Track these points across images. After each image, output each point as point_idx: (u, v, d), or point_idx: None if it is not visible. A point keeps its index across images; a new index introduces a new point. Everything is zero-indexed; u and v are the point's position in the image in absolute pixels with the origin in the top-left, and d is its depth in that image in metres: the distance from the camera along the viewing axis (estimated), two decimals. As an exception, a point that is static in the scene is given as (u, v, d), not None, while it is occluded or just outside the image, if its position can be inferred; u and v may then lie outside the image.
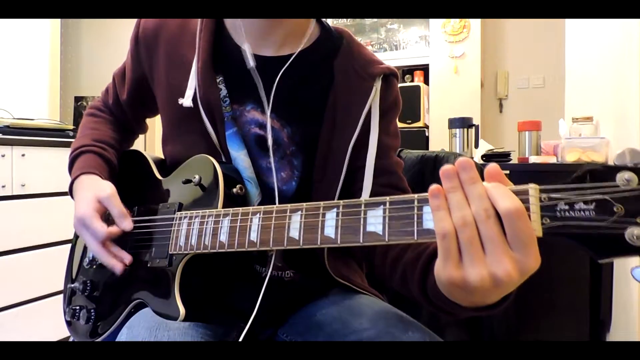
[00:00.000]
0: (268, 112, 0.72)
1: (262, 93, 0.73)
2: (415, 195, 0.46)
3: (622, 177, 0.38)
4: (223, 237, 0.59)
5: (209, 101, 0.72)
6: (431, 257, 0.58)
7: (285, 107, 0.73)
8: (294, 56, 0.73)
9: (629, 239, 0.37)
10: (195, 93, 0.72)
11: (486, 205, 0.41)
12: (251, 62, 0.72)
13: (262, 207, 0.57)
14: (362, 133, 0.72)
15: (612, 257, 0.38)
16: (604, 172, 0.39)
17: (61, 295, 0.85)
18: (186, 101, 0.72)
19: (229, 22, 0.76)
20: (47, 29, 2.82)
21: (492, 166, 0.44)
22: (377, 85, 0.74)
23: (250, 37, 0.74)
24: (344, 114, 0.72)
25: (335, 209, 0.50)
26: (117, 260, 0.68)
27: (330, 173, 0.72)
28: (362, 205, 0.49)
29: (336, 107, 0.73)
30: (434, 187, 0.44)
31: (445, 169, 0.44)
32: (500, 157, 1.99)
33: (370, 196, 0.70)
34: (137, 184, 0.81)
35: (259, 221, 0.56)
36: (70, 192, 0.78)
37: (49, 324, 1.91)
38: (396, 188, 0.75)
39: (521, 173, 1.79)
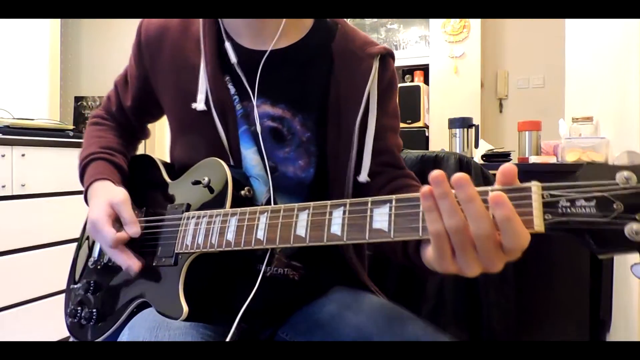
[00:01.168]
0: (255, 102, 0.74)
1: (249, 85, 0.74)
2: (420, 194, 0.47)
3: (621, 175, 0.39)
4: (230, 235, 0.60)
5: (221, 102, 0.73)
6: None
7: (292, 97, 0.74)
8: (290, 47, 0.75)
9: (629, 234, 0.38)
10: (207, 96, 0.73)
11: (485, 226, 0.42)
12: (233, 58, 0.74)
13: (270, 206, 0.58)
14: (364, 113, 0.74)
15: (612, 252, 0.39)
16: (604, 171, 0.40)
17: (61, 295, 0.85)
18: (199, 105, 0.73)
19: (227, 22, 0.77)
20: (47, 29, 2.82)
21: (508, 166, 0.44)
22: (376, 64, 0.76)
23: (246, 34, 0.76)
24: (347, 95, 0.74)
25: (342, 207, 0.52)
26: (132, 261, 0.68)
27: (342, 155, 0.74)
28: (369, 204, 0.50)
29: (339, 90, 0.74)
30: (425, 189, 0.44)
31: (433, 175, 0.44)
32: (500, 157, 1.98)
33: (369, 175, 0.73)
34: (147, 186, 0.82)
35: (266, 219, 0.57)
36: (85, 200, 0.79)
37: (49, 324, 1.91)
38: (393, 166, 0.78)
39: (521, 173, 1.77)
